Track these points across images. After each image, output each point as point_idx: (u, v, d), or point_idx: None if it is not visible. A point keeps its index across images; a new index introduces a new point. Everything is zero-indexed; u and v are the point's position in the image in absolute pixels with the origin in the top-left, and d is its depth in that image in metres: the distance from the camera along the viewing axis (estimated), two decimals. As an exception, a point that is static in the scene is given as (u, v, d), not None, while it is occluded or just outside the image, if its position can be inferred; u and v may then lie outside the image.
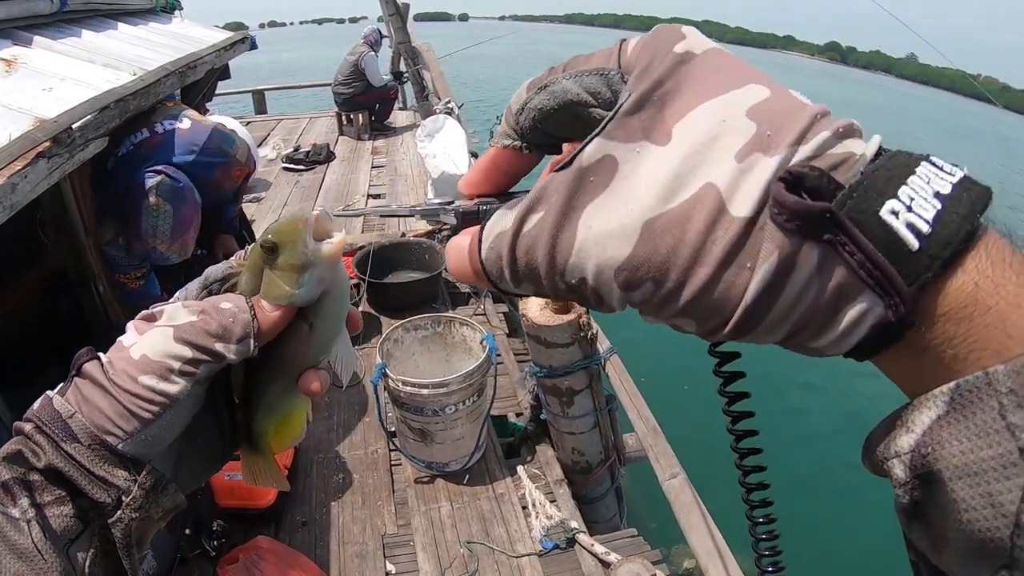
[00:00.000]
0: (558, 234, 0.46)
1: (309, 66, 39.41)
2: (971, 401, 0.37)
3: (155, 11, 6.24)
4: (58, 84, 3.23)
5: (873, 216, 0.39)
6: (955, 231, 0.38)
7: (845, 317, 0.41)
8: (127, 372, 0.69)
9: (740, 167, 0.42)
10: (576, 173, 0.46)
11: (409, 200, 8.99)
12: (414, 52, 11.40)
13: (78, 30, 4.46)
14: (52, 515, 0.66)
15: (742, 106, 0.44)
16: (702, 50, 0.47)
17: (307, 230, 0.71)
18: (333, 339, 0.78)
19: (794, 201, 0.39)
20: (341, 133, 12.14)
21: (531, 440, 4.87)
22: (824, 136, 0.41)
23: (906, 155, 0.41)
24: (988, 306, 0.38)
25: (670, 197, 0.43)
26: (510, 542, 4.04)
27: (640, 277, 0.43)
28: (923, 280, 0.38)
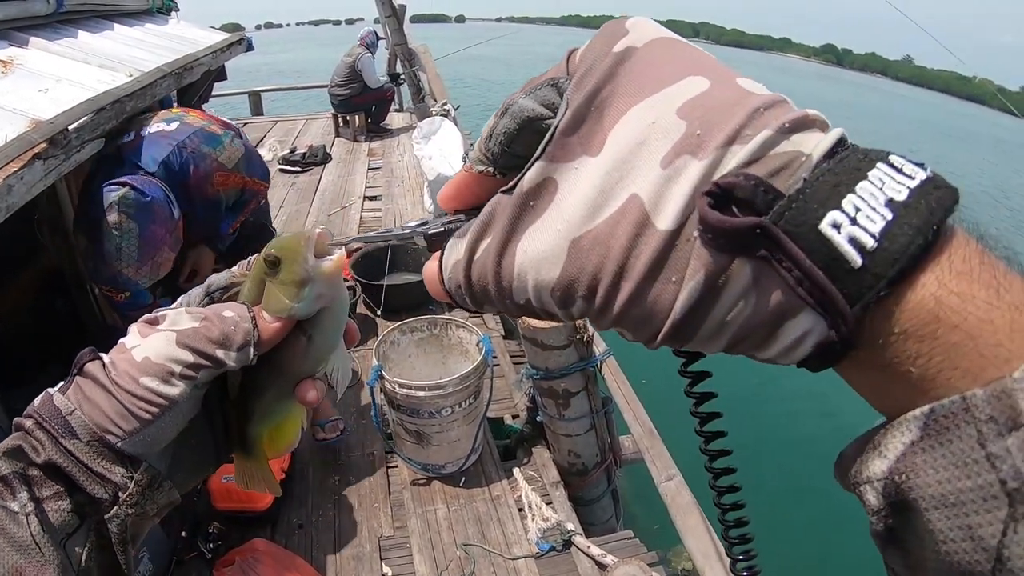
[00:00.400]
0: (501, 260, 0.47)
1: (306, 68, 39.46)
2: (947, 428, 0.34)
3: (151, 12, 6.25)
4: (54, 85, 3.23)
5: (812, 230, 0.36)
6: (905, 245, 0.35)
7: (786, 334, 0.39)
8: (129, 373, 0.69)
9: (666, 174, 0.40)
10: (517, 199, 0.46)
11: (406, 202, 9.01)
12: (411, 54, 11.39)
13: (74, 31, 4.46)
14: (50, 509, 0.67)
15: (674, 104, 0.41)
16: (644, 43, 0.45)
17: (308, 247, 0.72)
18: (331, 351, 0.79)
19: (717, 219, 0.37)
20: (337, 135, 12.14)
21: (527, 442, 4.86)
22: (765, 135, 0.38)
23: (860, 155, 0.38)
24: (954, 324, 0.35)
25: (595, 213, 0.42)
26: (506, 544, 4.04)
27: (572, 294, 0.44)
28: (867, 300, 0.36)
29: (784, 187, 0.37)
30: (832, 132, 0.40)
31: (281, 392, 0.79)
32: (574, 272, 0.43)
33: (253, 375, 0.78)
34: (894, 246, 0.35)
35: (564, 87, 0.48)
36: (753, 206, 0.37)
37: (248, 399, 0.80)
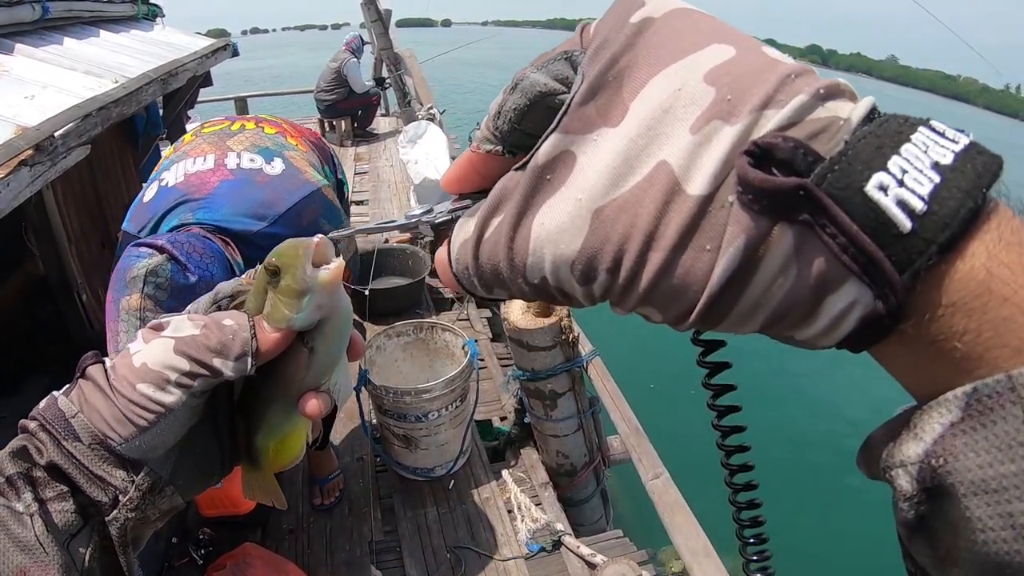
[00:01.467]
0: (515, 236, 0.44)
1: (292, 73, 39.35)
2: (991, 408, 0.32)
3: (137, 18, 6.25)
4: (40, 92, 3.23)
5: (857, 192, 0.34)
6: (955, 209, 0.33)
7: (829, 308, 0.36)
8: (127, 378, 0.70)
9: (696, 140, 0.38)
10: (533, 173, 0.43)
11: (392, 206, 9.01)
12: (396, 58, 11.39)
13: (60, 37, 4.46)
14: (54, 510, 0.68)
15: (700, 70, 0.39)
16: (662, 13, 0.43)
17: (306, 256, 0.72)
18: (334, 364, 0.79)
19: (760, 178, 0.35)
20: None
21: (515, 444, 4.86)
22: (801, 100, 0.37)
23: (901, 119, 0.36)
24: (1004, 297, 0.33)
25: (620, 181, 0.40)
26: (496, 546, 4.04)
27: (595, 268, 0.41)
28: (918, 267, 0.33)
29: (824, 151, 0.36)
30: (866, 99, 0.38)
31: (285, 405, 0.78)
32: (597, 243, 0.40)
33: (257, 387, 0.78)
34: (944, 210, 0.33)
35: (578, 60, 0.45)
36: (794, 167, 0.35)
37: (253, 411, 0.80)
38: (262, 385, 0.78)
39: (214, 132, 2.56)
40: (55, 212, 4.31)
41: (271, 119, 2.87)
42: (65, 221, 4.43)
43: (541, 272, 0.44)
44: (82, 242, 4.72)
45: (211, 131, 2.56)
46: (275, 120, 2.90)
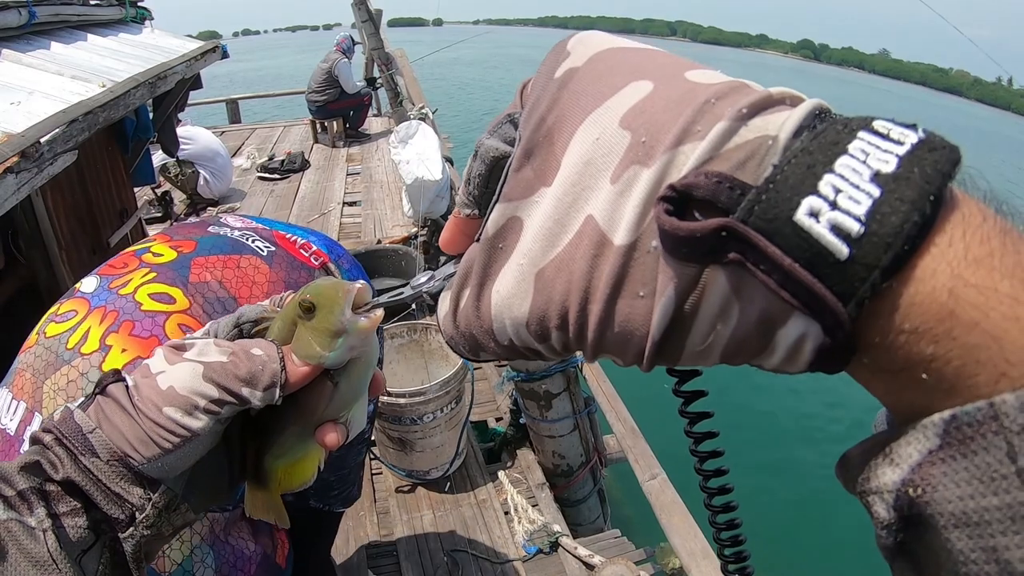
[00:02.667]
0: (479, 305, 0.45)
1: (284, 74, 39.34)
2: (971, 438, 0.30)
3: (125, 21, 6.21)
4: (26, 98, 3.20)
5: (787, 223, 0.32)
6: (898, 226, 0.30)
7: (782, 342, 0.35)
8: (152, 400, 0.70)
9: (616, 189, 0.38)
10: (485, 244, 0.44)
11: (385, 207, 8.99)
12: (387, 58, 11.39)
13: (47, 42, 4.43)
14: (68, 525, 0.68)
15: (617, 114, 0.39)
16: (585, 60, 0.43)
17: (347, 300, 0.73)
18: (355, 400, 0.80)
19: (671, 225, 0.34)
20: (316, 141, 12.11)
21: (511, 445, 4.86)
22: (721, 127, 0.35)
23: (839, 126, 0.34)
24: (973, 321, 0.30)
25: (555, 241, 0.40)
26: (493, 548, 4.03)
27: (546, 327, 0.42)
28: (861, 296, 0.31)
29: (752, 179, 0.34)
30: (802, 106, 0.35)
31: (301, 432, 0.79)
32: (543, 303, 0.41)
33: (276, 412, 0.78)
34: (884, 228, 0.30)
35: (519, 121, 0.46)
36: (718, 206, 0.34)
37: (268, 434, 0.81)
38: (280, 411, 0.78)
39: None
40: (45, 218, 4.28)
41: (160, 293, 1.40)
42: (55, 227, 4.39)
43: (506, 335, 0.45)
44: (72, 248, 4.69)
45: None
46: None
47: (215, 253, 1.47)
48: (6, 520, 0.66)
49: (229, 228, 1.63)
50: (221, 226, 1.64)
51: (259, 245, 1.55)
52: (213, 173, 8.82)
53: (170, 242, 1.50)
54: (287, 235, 1.69)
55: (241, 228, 1.65)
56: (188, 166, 8.52)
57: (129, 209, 5.98)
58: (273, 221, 1.83)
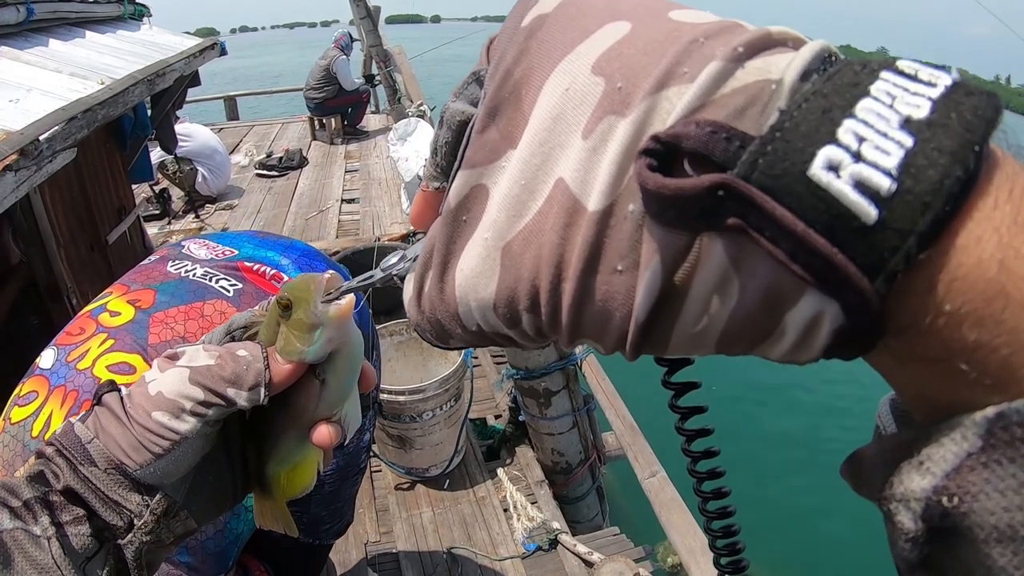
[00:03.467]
0: (443, 287, 0.40)
1: (282, 71, 39.28)
2: (1022, 441, 0.25)
3: (123, 19, 6.20)
4: (24, 95, 3.19)
5: (799, 179, 0.26)
6: (938, 181, 0.25)
7: (792, 325, 0.29)
8: (142, 407, 0.71)
9: (589, 145, 0.32)
10: (447, 218, 0.39)
11: (383, 204, 8.97)
12: (386, 55, 11.38)
13: (45, 39, 4.42)
14: (71, 533, 0.69)
15: (588, 60, 0.33)
16: (555, 5, 0.37)
17: (317, 291, 0.73)
18: (345, 396, 0.80)
19: (658, 184, 0.28)
20: (314, 138, 12.08)
21: (510, 442, 4.85)
22: (714, 68, 0.29)
23: (858, 66, 0.28)
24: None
25: (522, 210, 0.35)
26: (492, 545, 4.02)
27: (516, 310, 0.37)
28: (893, 268, 0.26)
29: (754, 129, 0.28)
30: (808, 46, 0.30)
31: (296, 435, 0.79)
32: (511, 282, 0.36)
33: (269, 417, 0.79)
34: (921, 185, 0.25)
35: (484, 77, 0.40)
36: (712, 160, 0.28)
37: (264, 440, 0.81)
38: (274, 415, 0.79)
39: (14, 437, 1.29)
40: (43, 216, 4.28)
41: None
42: (54, 224, 4.39)
43: (473, 320, 0.40)
44: (71, 245, 4.68)
45: (17, 422, 1.29)
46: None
47: (175, 304, 1.37)
48: (12, 529, 0.67)
49: (191, 262, 1.50)
50: (183, 259, 1.52)
51: (224, 285, 1.44)
52: (211, 170, 8.81)
53: (127, 295, 1.40)
54: (255, 266, 1.53)
55: (204, 260, 1.52)
56: (186, 163, 8.52)
57: (127, 206, 5.98)
58: (244, 239, 1.66)
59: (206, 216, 8.52)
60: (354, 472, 1.90)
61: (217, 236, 1.66)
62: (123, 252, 5.77)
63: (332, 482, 1.80)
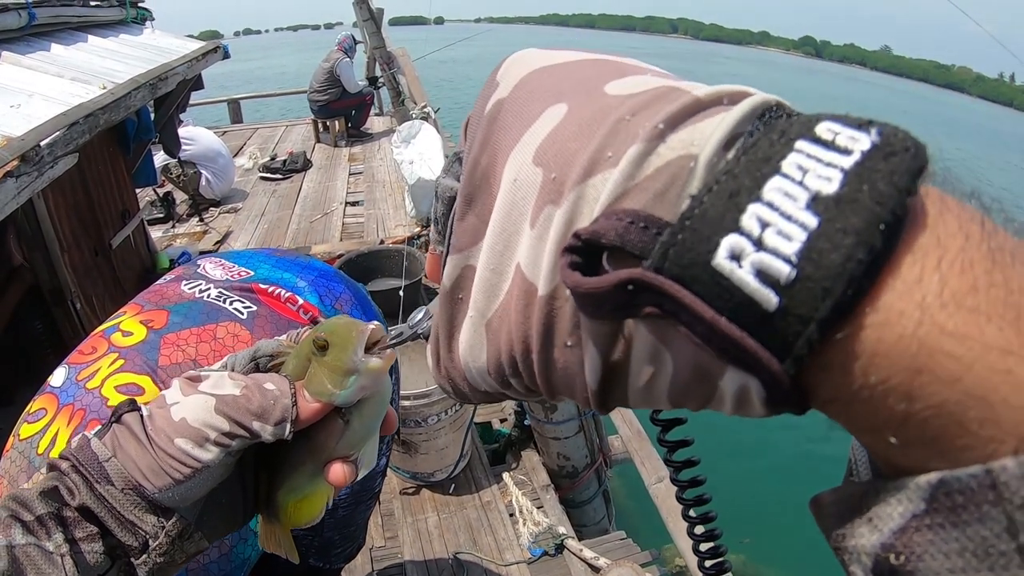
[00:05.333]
0: (452, 357, 0.44)
1: (286, 73, 39.35)
2: (964, 507, 0.25)
3: (126, 22, 6.20)
4: (26, 100, 3.19)
5: (705, 269, 0.27)
6: (839, 265, 0.25)
7: (726, 392, 0.30)
8: (165, 432, 0.72)
9: (535, 234, 0.35)
10: (445, 298, 0.43)
11: (387, 206, 8.96)
12: (389, 57, 11.37)
13: (47, 43, 4.43)
14: (85, 551, 0.70)
15: (531, 150, 0.35)
16: (510, 90, 0.39)
17: (360, 340, 0.74)
18: (366, 439, 0.81)
19: (572, 282, 0.31)
20: (318, 140, 12.08)
21: (516, 446, 4.84)
22: (634, 152, 0.30)
23: (775, 135, 0.28)
24: (953, 376, 0.24)
25: (495, 291, 0.38)
26: (498, 550, 4.00)
27: (504, 375, 0.40)
28: (798, 353, 0.26)
29: (671, 214, 0.29)
30: (737, 107, 0.30)
31: (311, 468, 0.80)
32: (495, 353, 0.40)
33: (286, 447, 0.80)
34: (821, 271, 0.25)
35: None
36: (628, 251, 0.30)
37: (278, 469, 0.82)
38: (292, 446, 0.79)
39: (21, 453, 1.26)
40: (47, 220, 4.28)
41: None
42: (57, 229, 4.39)
43: (479, 383, 0.43)
44: (75, 250, 4.69)
45: (26, 438, 1.26)
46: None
47: (188, 326, 1.36)
48: (25, 545, 0.68)
49: (206, 282, 1.50)
50: (198, 279, 1.51)
51: (238, 307, 1.44)
52: (215, 173, 8.81)
53: (141, 314, 1.39)
54: (270, 288, 1.52)
55: (219, 281, 1.51)
56: (190, 167, 8.50)
57: (131, 210, 5.98)
58: (261, 258, 1.65)
59: (210, 219, 8.51)
60: (367, 497, 1.89)
61: (234, 255, 1.66)
62: (127, 256, 5.77)
63: (346, 507, 1.79)
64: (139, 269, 6.06)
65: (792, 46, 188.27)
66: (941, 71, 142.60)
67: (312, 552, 1.86)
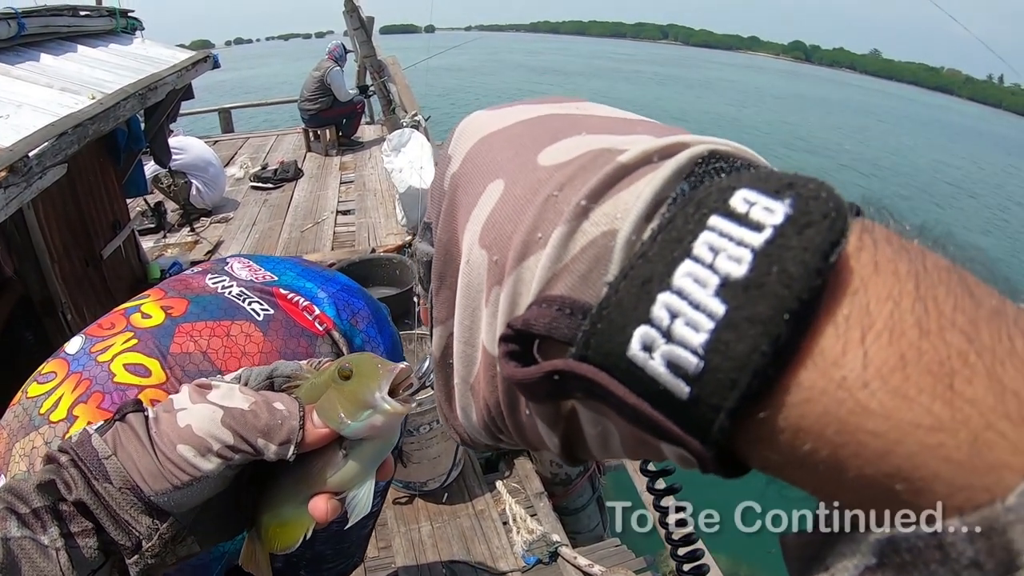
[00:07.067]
0: (453, 415, 0.45)
1: (277, 82, 39.34)
2: (913, 564, 0.24)
3: (116, 32, 6.20)
4: (15, 111, 3.18)
5: (621, 359, 0.28)
6: (744, 357, 0.25)
7: (669, 455, 0.30)
8: (168, 436, 0.73)
9: (489, 313, 0.36)
10: (438, 365, 0.45)
11: (379, 215, 8.95)
12: (380, 65, 11.36)
13: (36, 53, 4.43)
14: (80, 545, 0.71)
15: (476, 231, 0.37)
16: (460, 163, 0.40)
17: (386, 377, 0.75)
18: (360, 480, 0.81)
19: (508, 373, 0.32)
20: (309, 149, 12.06)
21: (509, 454, 4.82)
22: (559, 233, 0.31)
23: (690, 210, 0.28)
24: (879, 453, 0.24)
25: (470, 362, 0.40)
26: (492, 559, 3.99)
27: (492, 432, 0.42)
28: (714, 438, 0.26)
29: (594, 297, 0.30)
30: (661, 170, 0.30)
31: (297, 495, 0.80)
32: (481, 414, 0.41)
33: (282, 470, 0.80)
34: (728, 362, 0.25)
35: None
36: (561, 340, 0.30)
37: (268, 490, 0.82)
38: (286, 468, 0.79)
39: (25, 410, 1.29)
40: (37, 231, 4.26)
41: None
42: (47, 240, 4.38)
43: (478, 438, 0.45)
44: (65, 260, 4.68)
45: (32, 396, 1.30)
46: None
47: (205, 318, 1.39)
48: (20, 538, 0.68)
49: (230, 279, 1.53)
50: (223, 275, 1.55)
51: (255, 308, 1.45)
52: (206, 183, 8.79)
53: (163, 300, 1.43)
54: (290, 295, 1.54)
55: (243, 280, 1.54)
56: (180, 176, 8.48)
57: (122, 220, 5.97)
58: (288, 265, 1.68)
59: (201, 229, 8.48)
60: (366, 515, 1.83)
61: (262, 259, 1.70)
62: (118, 266, 5.76)
63: (340, 520, 1.73)
64: (130, 279, 6.05)
65: (781, 51, 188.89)
66: (930, 74, 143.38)
67: (303, 564, 1.85)
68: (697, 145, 0.31)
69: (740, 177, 0.29)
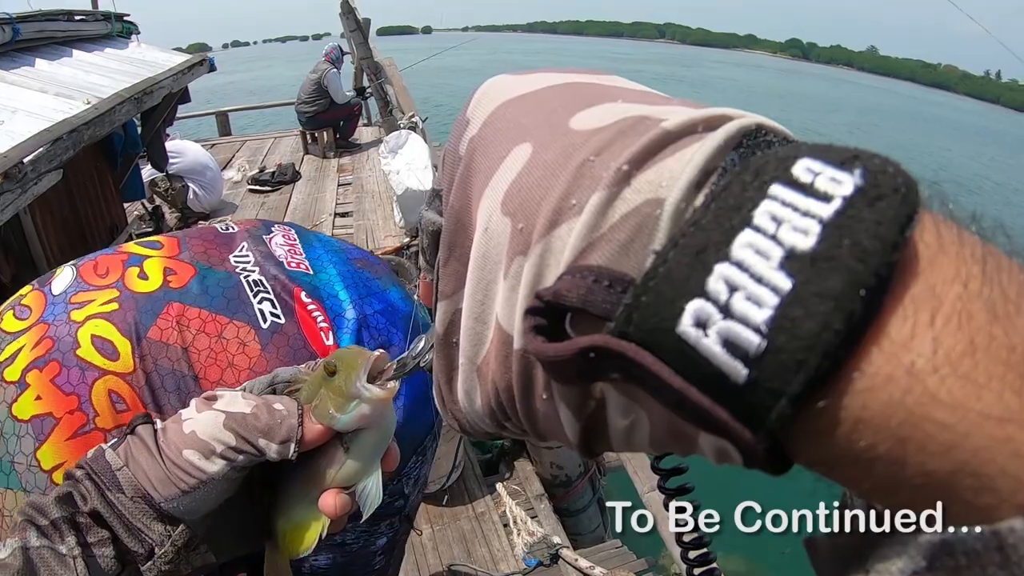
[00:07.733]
0: (454, 399, 0.42)
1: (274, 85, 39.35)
2: (968, 568, 0.22)
3: (111, 36, 6.19)
4: (9, 117, 3.17)
5: (669, 335, 0.25)
6: (812, 336, 0.23)
7: (705, 449, 0.28)
8: (175, 443, 0.76)
9: (508, 285, 0.33)
10: (441, 343, 0.42)
11: (377, 217, 8.94)
12: (377, 67, 11.35)
13: (31, 59, 4.42)
14: (97, 554, 0.73)
15: (499, 196, 0.34)
16: (480, 127, 0.37)
17: (364, 366, 0.77)
18: (365, 472, 0.82)
19: (535, 350, 0.29)
20: (306, 152, 12.04)
21: (509, 456, 4.83)
22: (597, 199, 0.28)
23: (748, 176, 0.26)
24: (945, 446, 0.22)
25: (480, 340, 0.37)
26: (493, 562, 3.99)
27: (498, 419, 0.38)
28: (770, 426, 0.24)
29: (636, 268, 0.27)
30: (709, 139, 0.28)
31: (306, 495, 0.82)
32: (487, 398, 0.38)
33: (289, 472, 0.82)
34: (794, 342, 0.23)
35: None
36: (597, 314, 0.27)
37: (278, 492, 0.84)
38: (294, 471, 0.82)
39: None
40: (34, 237, 4.25)
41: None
42: (45, 245, 4.37)
43: (479, 425, 0.42)
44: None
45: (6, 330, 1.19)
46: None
47: (201, 304, 1.16)
48: (39, 547, 0.72)
49: (255, 260, 1.28)
50: (252, 253, 1.30)
51: (264, 310, 1.21)
52: (203, 186, 8.77)
53: (171, 260, 1.20)
54: (312, 305, 1.27)
55: (271, 262, 1.29)
56: (178, 180, 8.46)
57: (119, 225, 5.96)
58: (336, 259, 1.44)
59: (199, 233, 8.47)
60: (379, 550, 1.59)
61: (312, 240, 1.47)
62: (115, 271, 5.74)
63: (355, 516, 1.56)
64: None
65: (779, 49, 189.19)
66: (928, 70, 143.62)
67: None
68: (744, 117, 0.29)
69: (800, 147, 0.27)
